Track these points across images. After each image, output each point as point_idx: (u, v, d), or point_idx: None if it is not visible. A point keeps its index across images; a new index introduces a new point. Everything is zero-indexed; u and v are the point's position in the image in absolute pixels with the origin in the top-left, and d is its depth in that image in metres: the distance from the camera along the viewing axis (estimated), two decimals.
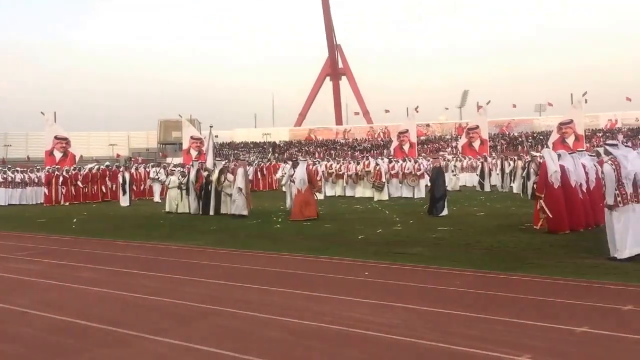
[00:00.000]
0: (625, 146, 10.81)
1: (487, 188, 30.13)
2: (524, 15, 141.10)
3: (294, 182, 18.57)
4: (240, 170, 19.35)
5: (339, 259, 10.71)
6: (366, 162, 27.33)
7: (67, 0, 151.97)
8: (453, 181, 31.70)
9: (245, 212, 18.95)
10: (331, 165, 29.69)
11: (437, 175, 18.36)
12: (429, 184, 21.16)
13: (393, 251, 11.38)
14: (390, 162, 27.83)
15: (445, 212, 17.82)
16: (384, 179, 25.23)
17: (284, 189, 21.91)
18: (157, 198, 28.95)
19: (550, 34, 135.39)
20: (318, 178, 23.28)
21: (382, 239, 13.09)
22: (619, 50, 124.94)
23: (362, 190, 26.93)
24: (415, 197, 25.63)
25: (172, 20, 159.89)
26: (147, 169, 32.63)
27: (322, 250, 11.73)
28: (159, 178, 29.17)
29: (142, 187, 31.83)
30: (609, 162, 9.83)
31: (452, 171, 32.23)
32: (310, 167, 22.98)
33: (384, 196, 25.05)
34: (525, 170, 26.61)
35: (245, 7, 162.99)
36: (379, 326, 6.22)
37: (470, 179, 33.54)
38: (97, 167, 32.34)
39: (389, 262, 10.29)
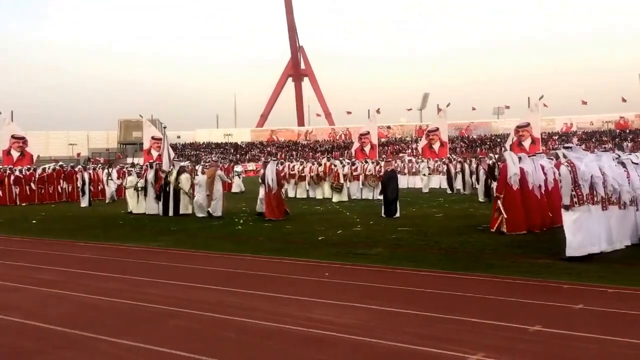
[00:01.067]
0: (584, 150, 11.14)
1: (454, 189, 30.15)
2: (483, 21, 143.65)
3: (263, 182, 18.68)
4: (218, 172, 19.81)
5: (300, 260, 10.76)
6: (327, 164, 27.41)
7: None
8: (424, 182, 31.86)
9: (220, 213, 19.21)
10: (293, 166, 29.64)
11: (389, 179, 18.49)
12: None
13: (353, 252, 11.48)
14: (353, 164, 27.94)
15: (397, 214, 17.97)
16: (342, 180, 25.37)
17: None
18: (110, 199, 28.75)
19: (508, 39, 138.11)
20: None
21: (342, 240, 13.18)
22: (574, 55, 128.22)
23: (323, 192, 26.99)
24: (376, 198, 25.76)
25: (133, 21, 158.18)
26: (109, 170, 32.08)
27: (282, 251, 11.76)
28: (112, 178, 28.96)
29: (99, 188, 31.24)
30: (566, 164, 10.14)
31: (423, 173, 32.39)
32: (279, 167, 22.99)
33: (344, 197, 25.18)
34: (476, 173, 27.10)
35: (207, 9, 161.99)
36: (338, 327, 6.28)
37: (436, 181, 33.70)
38: (52, 167, 31.63)
39: (349, 262, 10.38)
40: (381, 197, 18.56)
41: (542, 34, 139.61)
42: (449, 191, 30.07)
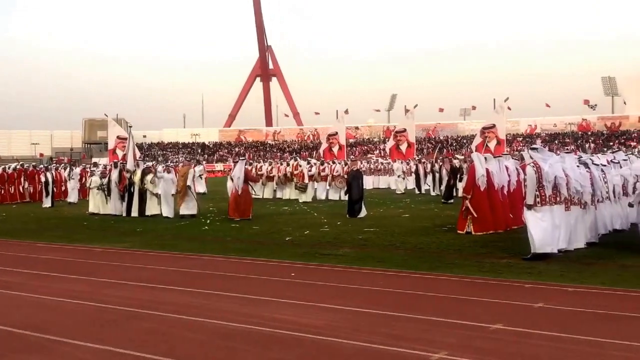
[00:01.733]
0: (549, 151, 11.37)
1: (422, 190, 30.20)
2: (451, 24, 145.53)
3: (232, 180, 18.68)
4: (191, 171, 19.80)
5: (266, 261, 10.76)
6: (295, 164, 27.38)
7: None
8: (399, 183, 31.90)
9: (195, 212, 19.18)
10: (261, 167, 29.53)
11: (354, 178, 18.58)
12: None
13: (320, 252, 11.53)
14: (322, 164, 27.96)
15: (363, 213, 18.09)
16: (306, 180, 25.40)
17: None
18: (72, 199, 28.13)
19: (476, 42, 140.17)
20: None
21: (309, 241, 13.22)
22: (539, 60, 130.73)
23: (291, 192, 26.94)
24: (342, 199, 25.80)
25: (99, 19, 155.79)
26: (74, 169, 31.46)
27: (249, 252, 11.75)
28: (73, 177, 28.44)
29: (62, 188, 30.62)
30: (532, 164, 10.33)
31: (398, 174, 32.45)
32: (248, 167, 22.95)
33: (308, 197, 25.22)
34: (438, 174, 27.31)
35: (174, 8, 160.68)
36: (304, 327, 6.31)
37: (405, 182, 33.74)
38: (13, 167, 30.90)
39: (315, 263, 10.43)
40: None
41: (509, 39, 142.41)
42: (416, 191, 30.24)
